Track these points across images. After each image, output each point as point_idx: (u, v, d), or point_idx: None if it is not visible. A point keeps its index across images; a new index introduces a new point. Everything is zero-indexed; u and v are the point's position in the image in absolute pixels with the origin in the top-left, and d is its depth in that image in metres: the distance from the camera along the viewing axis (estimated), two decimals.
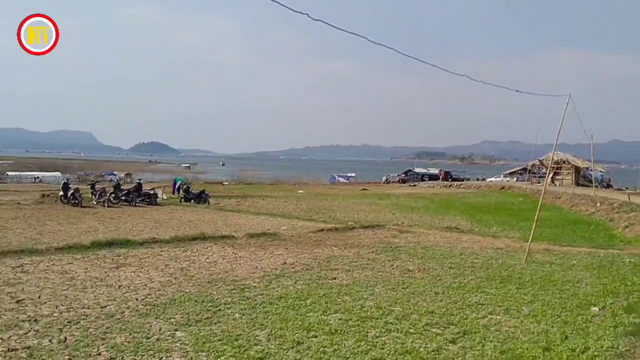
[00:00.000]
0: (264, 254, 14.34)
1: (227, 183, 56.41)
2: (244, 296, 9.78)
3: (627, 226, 23.02)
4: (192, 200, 31.95)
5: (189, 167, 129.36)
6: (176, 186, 36.85)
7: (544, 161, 56.12)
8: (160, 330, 7.77)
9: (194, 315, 8.48)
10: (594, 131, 47.22)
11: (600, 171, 60.04)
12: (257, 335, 7.60)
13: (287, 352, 6.99)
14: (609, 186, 54.55)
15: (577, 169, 58.03)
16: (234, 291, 10.14)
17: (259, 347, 7.15)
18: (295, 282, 10.99)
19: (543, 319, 8.77)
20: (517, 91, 18.49)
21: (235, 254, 14.25)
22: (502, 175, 74.92)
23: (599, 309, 9.35)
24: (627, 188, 50.96)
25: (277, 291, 10.22)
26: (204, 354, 6.88)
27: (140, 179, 38.15)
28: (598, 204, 31.32)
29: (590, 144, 39.64)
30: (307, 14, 8.92)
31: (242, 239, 16.71)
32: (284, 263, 13.08)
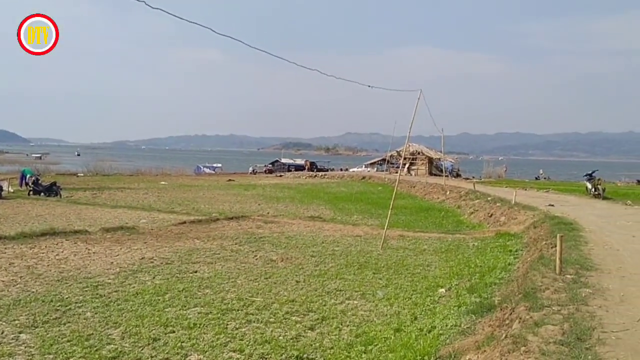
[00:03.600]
0: (121, 248, 13.72)
1: (82, 174, 52.85)
2: (97, 294, 9.33)
3: (472, 212, 24.98)
4: (42, 193, 29.66)
5: (40, 158, 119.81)
6: (25, 178, 34.00)
7: (400, 152, 59.22)
8: (2, 333, 7.23)
9: (40, 316, 7.95)
10: (446, 124, 50.86)
11: (451, 161, 64.55)
12: (110, 334, 7.30)
13: (142, 349, 6.77)
14: (458, 175, 58.72)
15: (431, 160, 61.95)
16: (86, 289, 9.63)
17: (112, 346, 6.87)
18: (154, 277, 10.67)
19: (395, 302, 9.30)
20: (369, 86, 19.08)
21: (89, 249, 13.48)
22: (363, 166, 77.74)
23: (446, 290, 10.10)
24: (473, 177, 55.26)
25: (133, 287, 9.85)
26: (51, 356, 6.49)
27: None
28: (448, 192, 33.70)
29: (441, 136, 42.64)
30: (144, 1, 8.48)
31: (96, 234, 15.81)
32: (142, 258, 12.61)
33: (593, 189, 26.60)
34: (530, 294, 7.63)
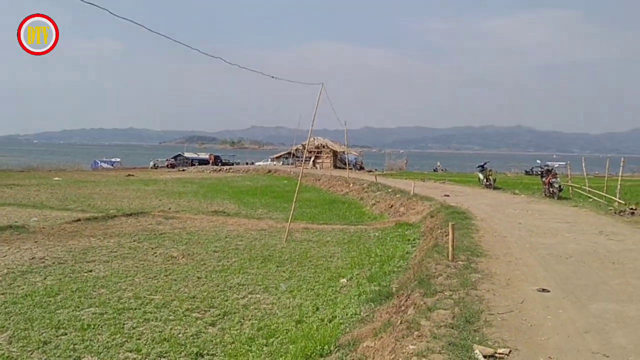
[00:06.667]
0: (9, 249, 12.90)
1: None
2: None
3: (374, 204, 25.66)
4: None
5: None
6: None
7: (306, 146, 59.68)
8: None
9: None
10: (349, 118, 51.97)
11: (355, 155, 65.91)
12: None
13: (31, 354, 6.44)
14: (361, 168, 60.03)
15: (335, 153, 62.92)
16: None
17: None
18: (45, 278, 10.12)
19: (298, 294, 9.39)
20: (272, 77, 19.12)
21: None
22: (269, 160, 77.59)
23: (347, 280, 10.33)
24: (376, 170, 56.75)
25: (22, 289, 9.31)
26: None
27: None
28: (351, 185, 34.38)
29: (345, 130, 43.46)
30: None
31: None
32: (33, 258, 11.91)
33: (485, 180, 28.13)
34: (425, 281, 7.97)
